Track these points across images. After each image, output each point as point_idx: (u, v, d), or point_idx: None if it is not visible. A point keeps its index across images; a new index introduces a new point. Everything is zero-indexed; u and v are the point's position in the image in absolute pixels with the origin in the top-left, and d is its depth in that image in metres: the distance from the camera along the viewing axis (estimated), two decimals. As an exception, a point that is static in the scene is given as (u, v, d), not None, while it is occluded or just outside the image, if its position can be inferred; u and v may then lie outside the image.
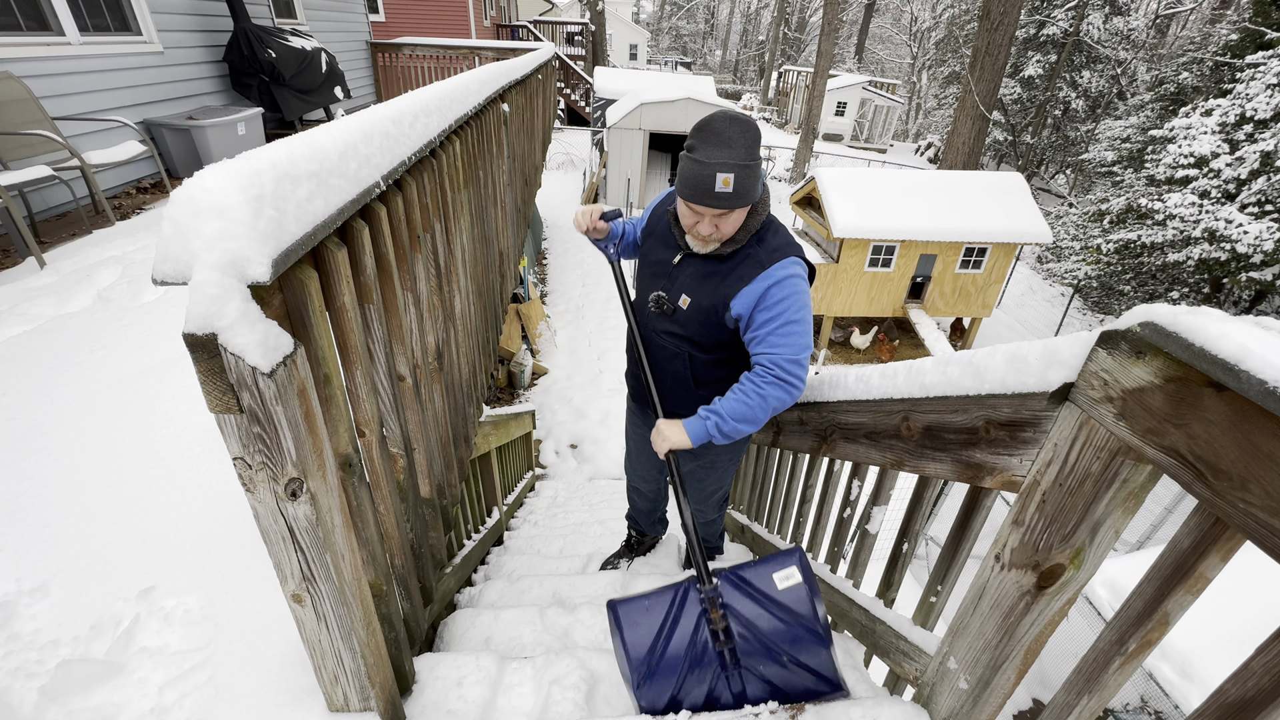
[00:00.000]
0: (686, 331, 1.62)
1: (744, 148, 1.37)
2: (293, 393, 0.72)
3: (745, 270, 1.49)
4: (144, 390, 2.01)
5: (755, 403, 1.47)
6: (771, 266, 1.46)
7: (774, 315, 1.45)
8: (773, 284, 1.45)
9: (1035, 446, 0.91)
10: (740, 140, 1.36)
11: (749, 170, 1.37)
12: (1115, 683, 0.84)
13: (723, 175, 1.35)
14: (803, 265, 1.50)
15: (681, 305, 1.59)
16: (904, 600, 1.45)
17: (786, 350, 1.45)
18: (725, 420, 1.48)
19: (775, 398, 1.46)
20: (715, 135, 1.35)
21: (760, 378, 1.47)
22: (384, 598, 1.15)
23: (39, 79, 3.43)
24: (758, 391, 1.46)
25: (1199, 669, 2.65)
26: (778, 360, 1.45)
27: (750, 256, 1.49)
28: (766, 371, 1.47)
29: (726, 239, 1.49)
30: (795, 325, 1.45)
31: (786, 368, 1.45)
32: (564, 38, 20.76)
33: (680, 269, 1.60)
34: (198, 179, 0.61)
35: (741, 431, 1.50)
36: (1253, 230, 9.15)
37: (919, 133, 31.49)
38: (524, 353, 6.94)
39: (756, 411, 1.47)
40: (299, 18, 6.66)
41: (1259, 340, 0.57)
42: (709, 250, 1.53)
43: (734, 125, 1.36)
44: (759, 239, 1.51)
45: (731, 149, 1.35)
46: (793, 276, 1.46)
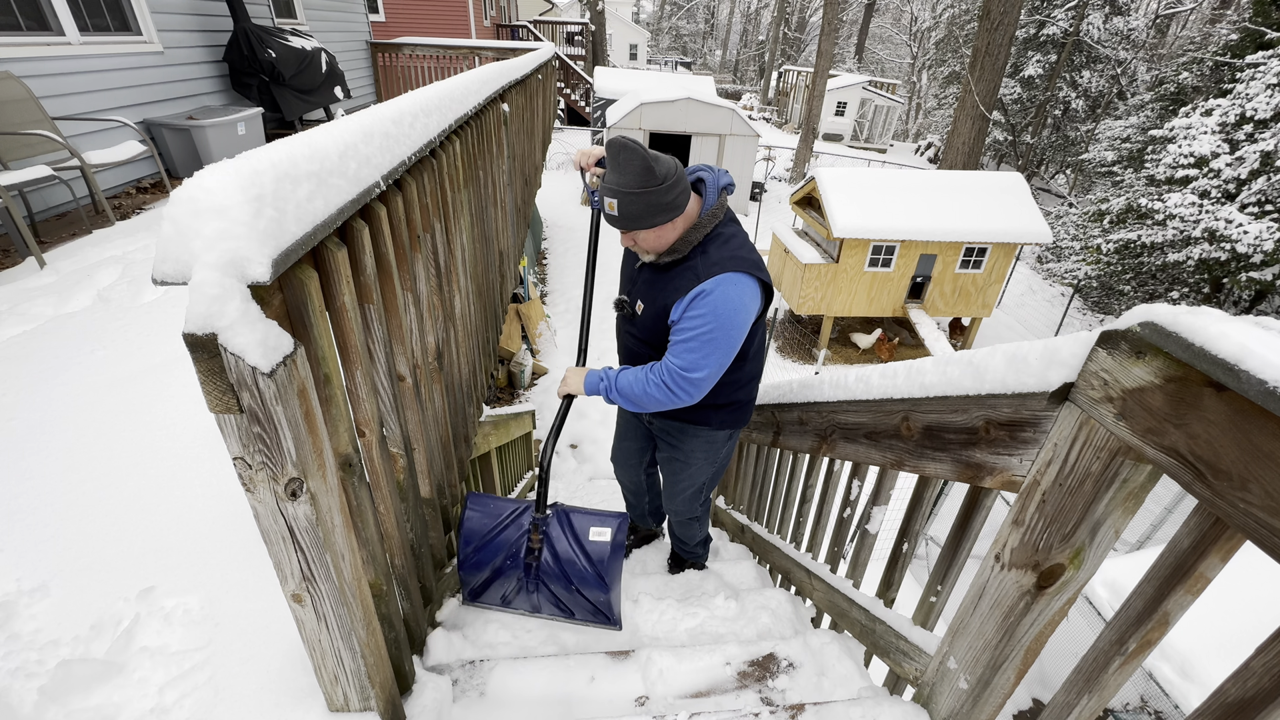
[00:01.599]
0: (642, 334, 1.73)
1: (632, 174, 1.43)
2: (293, 393, 0.72)
3: (683, 281, 1.54)
4: (144, 390, 2.01)
5: (640, 390, 1.61)
6: (706, 280, 1.49)
7: (686, 327, 1.53)
8: (697, 296, 1.50)
9: (1035, 446, 0.91)
10: (628, 167, 1.42)
11: (633, 197, 1.44)
12: (1115, 683, 0.84)
13: (609, 199, 1.47)
14: (743, 280, 1.51)
15: (638, 310, 1.71)
16: (904, 600, 1.45)
17: (680, 363, 1.53)
18: (614, 389, 1.67)
19: (655, 398, 1.59)
20: (612, 159, 1.45)
21: (655, 374, 1.59)
22: (384, 598, 1.15)
23: (39, 79, 3.43)
24: (647, 383, 1.60)
25: (1199, 669, 2.64)
26: (671, 368, 1.55)
27: (690, 269, 1.55)
28: (662, 373, 1.57)
29: (664, 251, 1.57)
30: (698, 340, 1.51)
31: (675, 377, 1.54)
32: (564, 38, 20.76)
33: (639, 275, 1.71)
34: (198, 179, 0.61)
35: (623, 404, 1.67)
36: (1253, 230, 9.15)
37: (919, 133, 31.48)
38: (524, 353, 6.94)
39: (640, 398, 1.62)
40: (299, 18, 6.66)
41: (1259, 340, 0.57)
42: (651, 260, 1.63)
43: (624, 152, 1.43)
44: (702, 250, 1.55)
45: (620, 174, 1.44)
46: (719, 292, 1.48)
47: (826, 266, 9.38)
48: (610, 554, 1.66)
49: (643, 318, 1.69)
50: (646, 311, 1.67)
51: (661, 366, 1.58)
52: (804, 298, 9.56)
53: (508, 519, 1.72)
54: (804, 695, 1.51)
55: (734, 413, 1.85)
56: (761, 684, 1.55)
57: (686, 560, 2.45)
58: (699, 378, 1.54)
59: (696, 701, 1.50)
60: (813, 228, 10.09)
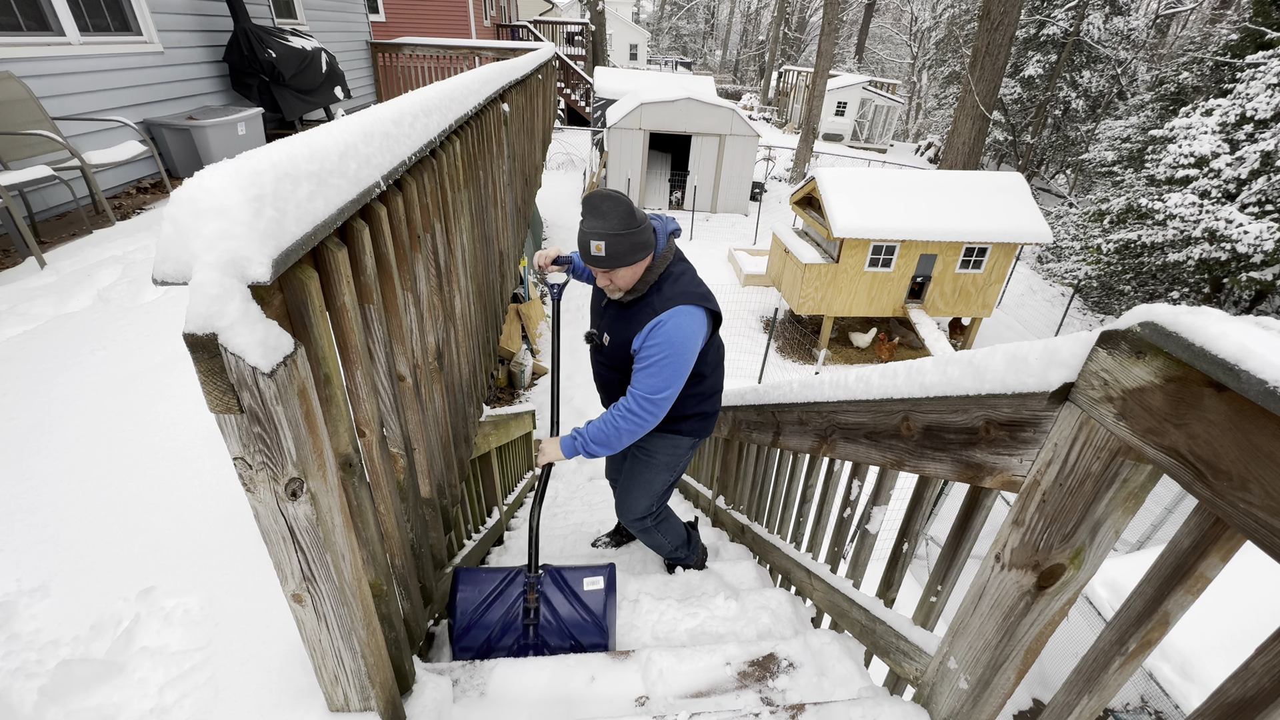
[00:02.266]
0: (610, 362, 1.95)
1: (615, 219, 1.63)
2: (293, 393, 0.72)
3: (643, 315, 1.75)
4: (144, 390, 2.01)
5: (610, 432, 1.77)
6: (663, 313, 1.71)
7: (646, 355, 1.72)
8: (654, 327, 1.71)
9: (1035, 446, 0.91)
10: (612, 213, 1.63)
11: (618, 238, 1.63)
12: (1115, 683, 0.84)
13: (594, 242, 1.64)
14: (692, 310, 1.74)
15: (604, 341, 1.92)
16: (904, 600, 1.45)
17: (643, 387, 1.72)
18: (588, 442, 1.81)
19: (627, 430, 1.76)
20: (594, 209, 1.64)
21: (618, 410, 1.76)
22: (384, 598, 1.15)
23: (39, 79, 3.43)
24: (613, 423, 1.76)
25: (1199, 669, 2.64)
26: (635, 394, 1.73)
27: (649, 304, 1.76)
28: (625, 403, 1.75)
29: (630, 289, 1.77)
30: (658, 365, 1.71)
31: (640, 401, 1.73)
32: (564, 38, 20.77)
33: (605, 311, 1.92)
34: (198, 179, 0.61)
35: (600, 452, 1.81)
36: (1253, 230, 9.15)
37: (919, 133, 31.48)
38: (524, 353, 6.94)
39: (611, 439, 1.78)
40: (299, 18, 6.66)
41: (1259, 340, 0.57)
42: (618, 298, 1.82)
43: (607, 201, 1.64)
44: (657, 289, 1.77)
45: (604, 220, 1.63)
46: (672, 323, 1.70)
47: (826, 266, 9.38)
48: (605, 599, 1.80)
49: (609, 348, 1.91)
50: (613, 343, 1.88)
51: (626, 398, 1.76)
52: (804, 298, 9.56)
53: (499, 588, 1.79)
54: (804, 695, 1.51)
55: (699, 423, 2.07)
56: (762, 684, 1.55)
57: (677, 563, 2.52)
58: (662, 398, 1.73)
59: (696, 701, 1.50)
60: (813, 228, 10.09)
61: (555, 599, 1.80)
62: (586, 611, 1.78)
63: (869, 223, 8.93)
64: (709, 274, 11.00)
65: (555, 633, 1.77)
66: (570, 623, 1.78)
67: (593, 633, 1.77)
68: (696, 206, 14.26)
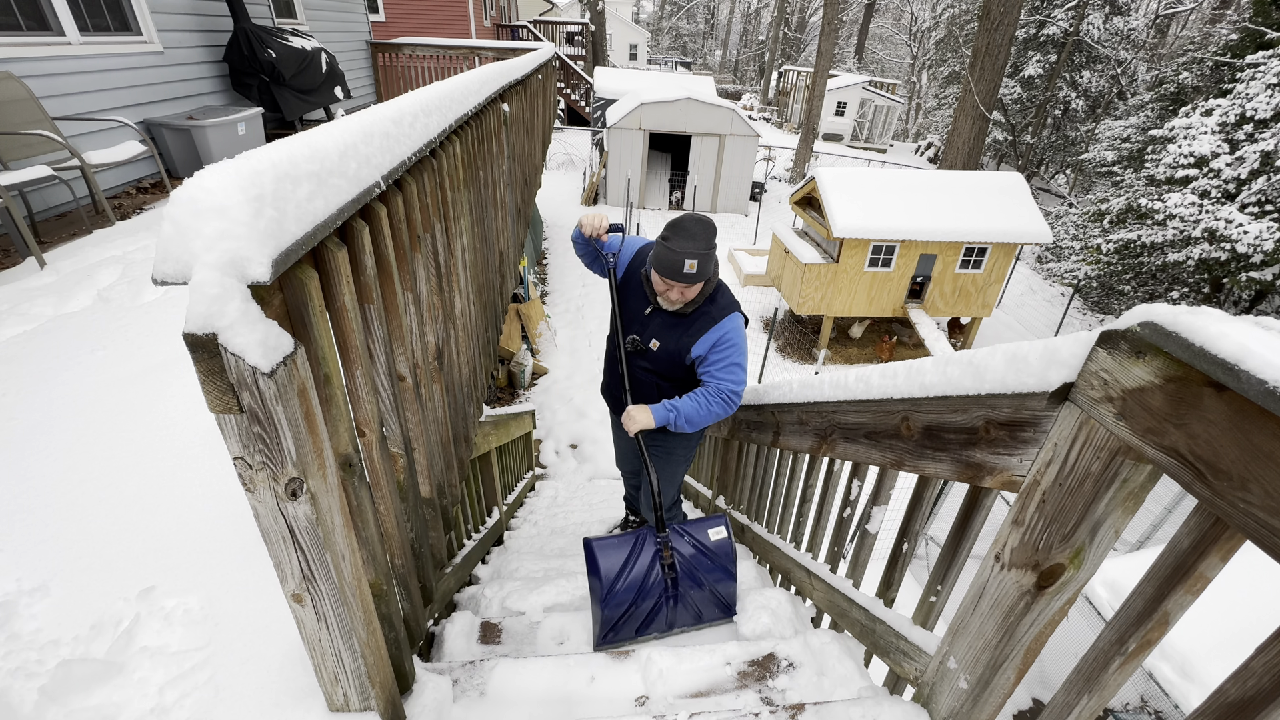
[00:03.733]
0: (655, 366, 2.14)
1: (704, 240, 1.84)
2: (293, 392, 0.72)
3: (702, 324, 2.00)
4: (144, 390, 2.01)
5: (704, 410, 1.99)
6: (722, 320, 1.99)
7: (723, 356, 1.99)
8: (724, 334, 1.99)
9: (1035, 446, 0.91)
10: (702, 235, 1.85)
11: (707, 257, 1.86)
12: (1115, 683, 0.84)
13: (689, 261, 1.83)
14: (742, 317, 2.05)
15: (651, 347, 2.10)
16: (904, 600, 1.45)
17: (730, 382, 2.00)
18: (681, 415, 2.01)
19: (716, 413, 2.00)
20: (685, 231, 1.85)
21: (711, 395, 2.00)
22: (384, 597, 1.15)
23: (39, 79, 3.43)
24: (708, 404, 1.99)
25: (1199, 669, 2.64)
26: (723, 389, 1.99)
27: (706, 314, 2.01)
28: (712, 393, 2.00)
29: (688, 302, 1.99)
30: (737, 365, 2.00)
31: (729, 393, 2.00)
32: (564, 38, 20.76)
33: (651, 319, 2.09)
34: (198, 179, 0.61)
35: (686, 426, 2.01)
36: (1253, 230, 9.14)
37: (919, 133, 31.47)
38: (524, 353, 6.94)
39: (702, 416, 2.00)
40: (299, 18, 6.66)
41: (1259, 340, 0.57)
42: (676, 308, 2.02)
43: (698, 225, 1.86)
44: (711, 300, 2.02)
45: (695, 241, 1.83)
46: (737, 329, 2.01)
47: (826, 266, 9.37)
48: (730, 545, 2.02)
49: (657, 353, 2.10)
50: (663, 349, 2.08)
51: (716, 389, 2.00)
52: (804, 298, 9.55)
53: (634, 550, 1.92)
54: (804, 695, 1.51)
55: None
56: (761, 684, 1.55)
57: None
58: (742, 390, 2.02)
59: (696, 701, 1.50)
60: (813, 228, 10.09)
61: (686, 551, 1.96)
62: (715, 558, 1.97)
63: (869, 223, 8.93)
64: (709, 274, 10.96)
65: (693, 584, 1.92)
66: (704, 570, 1.94)
67: (724, 576, 1.96)
68: (696, 206, 14.26)
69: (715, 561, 1.95)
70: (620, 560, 1.87)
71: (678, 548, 1.95)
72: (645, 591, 1.85)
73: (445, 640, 1.75)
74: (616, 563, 1.87)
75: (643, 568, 1.88)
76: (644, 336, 2.11)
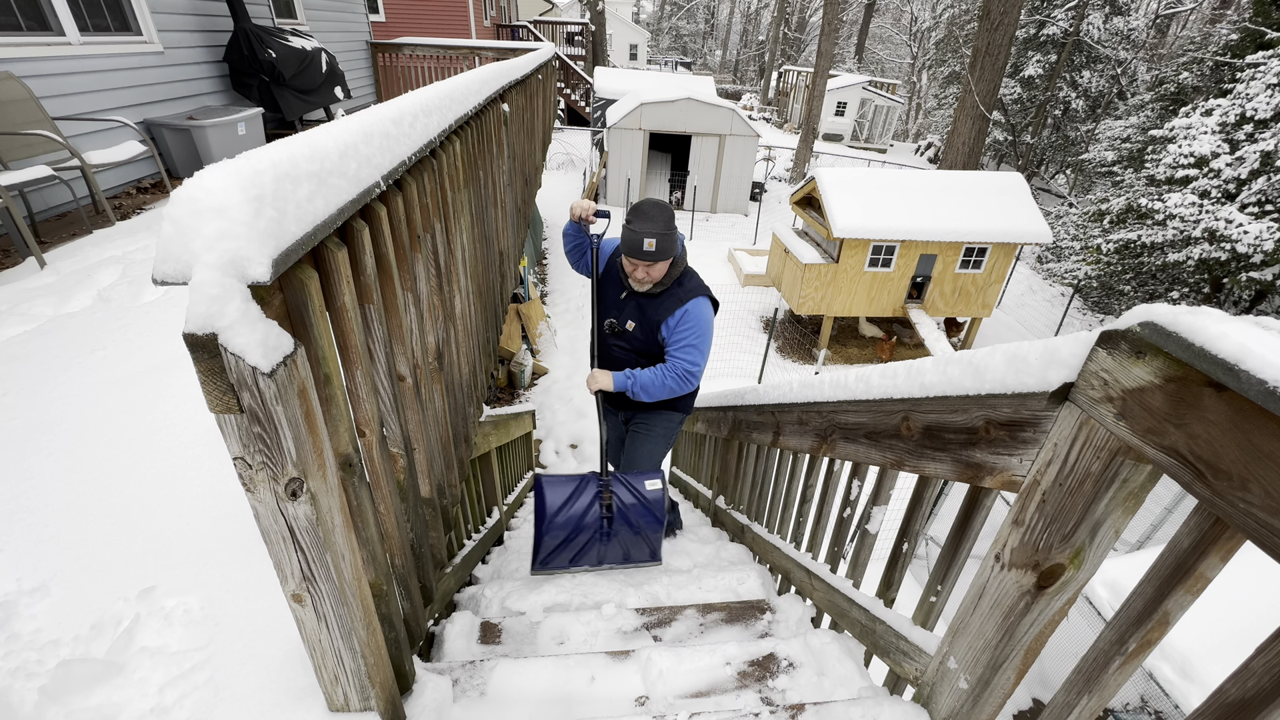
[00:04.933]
0: (631, 345, 2.37)
1: (662, 222, 2.05)
2: (293, 393, 0.72)
3: (670, 303, 2.21)
4: (144, 390, 2.01)
5: (659, 383, 2.21)
6: (688, 302, 2.19)
7: (682, 336, 2.20)
8: (686, 312, 2.18)
9: (1035, 446, 0.91)
10: (660, 217, 2.05)
11: (666, 237, 2.06)
12: (1115, 683, 0.84)
13: (648, 240, 2.04)
14: (708, 301, 2.25)
15: (628, 328, 2.33)
16: (904, 600, 1.45)
17: (685, 361, 2.20)
18: (638, 383, 2.23)
19: (670, 388, 2.22)
20: (643, 214, 2.06)
21: (669, 370, 2.21)
22: (384, 598, 1.15)
23: (39, 79, 3.43)
24: (663, 378, 2.21)
25: (1199, 669, 2.64)
26: (681, 365, 2.20)
27: (673, 295, 2.22)
28: (674, 369, 2.21)
29: (656, 282, 2.20)
30: (694, 346, 2.20)
31: (685, 369, 2.20)
32: (564, 38, 20.77)
33: (626, 303, 2.32)
34: (198, 179, 0.61)
35: (643, 396, 2.24)
36: (1253, 230, 9.14)
37: (919, 133, 31.47)
38: (524, 353, 6.94)
39: (657, 389, 2.22)
40: (299, 18, 6.66)
41: (1259, 340, 0.57)
42: (645, 290, 2.23)
43: (656, 208, 2.07)
44: (679, 283, 2.23)
45: (654, 222, 2.04)
46: (700, 311, 2.20)
47: (826, 266, 9.38)
48: (662, 497, 2.26)
49: (634, 333, 2.31)
50: (638, 328, 2.29)
51: (672, 365, 2.20)
52: (804, 298, 9.55)
53: (576, 490, 2.18)
54: (804, 695, 1.51)
55: (691, 401, 2.58)
56: (761, 684, 1.55)
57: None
58: (700, 369, 2.21)
59: (696, 701, 1.50)
60: (813, 228, 10.09)
61: (623, 496, 2.22)
62: (647, 505, 2.23)
63: (869, 223, 8.93)
64: (709, 274, 10.99)
65: (626, 525, 2.19)
66: (637, 515, 2.20)
67: (654, 524, 2.21)
68: (696, 206, 14.26)
69: (646, 509, 2.21)
70: (564, 496, 2.13)
71: (617, 493, 2.20)
72: (582, 527, 2.13)
73: (445, 640, 1.75)
74: (560, 497, 2.12)
75: (583, 505, 2.14)
76: (620, 319, 2.34)
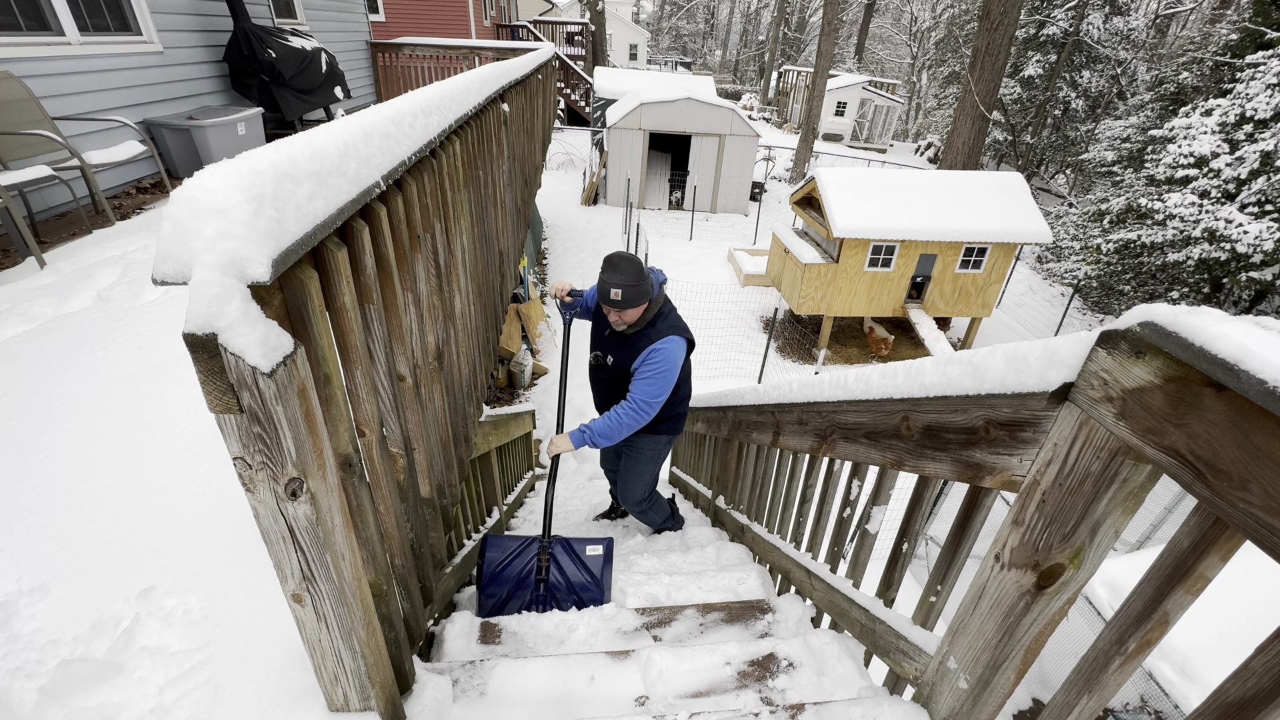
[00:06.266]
0: (611, 377, 2.55)
1: (630, 274, 2.20)
2: (293, 392, 0.72)
3: (640, 343, 2.37)
4: (144, 390, 2.01)
5: (614, 425, 2.32)
6: (657, 341, 2.33)
7: (647, 371, 2.33)
8: (654, 350, 2.32)
9: (1035, 446, 0.91)
10: (628, 269, 2.21)
11: (632, 288, 2.21)
12: (1115, 682, 0.84)
13: (614, 290, 2.20)
14: (678, 339, 2.36)
15: (608, 362, 2.53)
16: (904, 600, 1.45)
17: (642, 393, 2.32)
18: (595, 435, 2.33)
19: (627, 425, 2.33)
20: (613, 266, 2.22)
21: (621, 410, 2.33)
22: (384, 597, 1.15)
23: (39, 79, 3.43)
24: (617, 420, 2.32)
25: (1199, 669, 2.64)
26: (635, 399, 2.33)
27: (645, 335, 2.37)
28: (626, 406, 2.34)
29: (632, 323, 2.36)
30: (653, 378, 2.32)
31: (639, 404, 2.32)
32: (564, 38, 20.76)
33: (609, 339, 2.52)
34: (198, 179, 0.61)
35: (603, 443, 2.34)
36: (1253, 230, 9.14)
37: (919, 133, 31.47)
38: (524, 353, 6.94)
39: (614, 432, 2.33)
40: (299, 18, 6.66)
41: (1259, 340, 0.57)
42: (622, 329, 2.40)
43: (625, 260, 2.23)
44: (653, 324, 2.38)
45: (621, 274, 2.20)
46: (666, 349, 2.32)
47: (826, 266, 9.37)
48: (604, 562, 2.25)
49: (612, 368, 2.52)
50: (615, 364, 2.49)
51: (629, 400, 2.33)
52: (804, 298, 9.55)
53: (517, 550, 2.24)
54: (804, 695, 1.51)
55: (674, 423, 2.70)
56: (761, 684, 1.55)
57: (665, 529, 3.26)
58: (655, 402, 2.34)
59: (696, 701, 1.50)
60: (813, 228, 10.09)
61: (563, 560, 2.25)
62: (588, 573, 2.22)
63: (869, 223, 8.92)
64: (709, 274, 11.00)
65: (562, 589, 2.20)
66: (575, 582, 2.21)
67: (593, 590, 2.21)
68: (696, 206, 14.26)
69: (587, 574, 2.23)
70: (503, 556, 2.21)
71: (555, 555, 2.24)
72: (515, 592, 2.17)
73: (445, 640, 1.75)
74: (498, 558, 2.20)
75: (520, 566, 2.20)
76: (603, 352, 2.55)
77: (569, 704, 1.45)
